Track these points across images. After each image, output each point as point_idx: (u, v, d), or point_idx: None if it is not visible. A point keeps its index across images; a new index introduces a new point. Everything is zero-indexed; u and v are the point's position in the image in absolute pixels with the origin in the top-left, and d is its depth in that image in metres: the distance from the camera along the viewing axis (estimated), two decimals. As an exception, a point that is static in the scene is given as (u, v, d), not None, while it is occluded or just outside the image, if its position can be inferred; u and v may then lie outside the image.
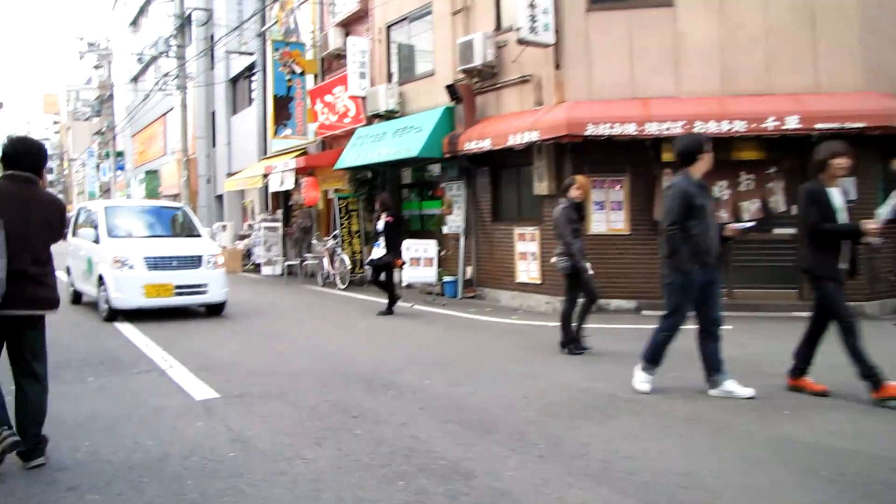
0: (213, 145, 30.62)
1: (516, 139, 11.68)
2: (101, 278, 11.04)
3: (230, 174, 27.55)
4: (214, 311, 11.71)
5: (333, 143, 18.74)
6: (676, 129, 10.34)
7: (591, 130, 10.81)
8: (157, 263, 10.96)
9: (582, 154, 11.51)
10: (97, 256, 11.32)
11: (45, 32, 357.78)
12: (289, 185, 18.10)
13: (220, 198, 29.85)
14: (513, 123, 12.11)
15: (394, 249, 11.61)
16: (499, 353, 8.27)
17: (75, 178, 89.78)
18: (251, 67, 25.29)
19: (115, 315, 10.79)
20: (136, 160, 45.34)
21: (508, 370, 7.29)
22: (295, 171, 17.80)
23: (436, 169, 15.37)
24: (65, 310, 11.87)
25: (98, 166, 62.16)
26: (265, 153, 23.07)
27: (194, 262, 11.30)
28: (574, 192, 8.10)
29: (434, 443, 4.84)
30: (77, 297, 13.10)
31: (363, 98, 16.54)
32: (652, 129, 10.62)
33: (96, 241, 11.39)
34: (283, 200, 22.14)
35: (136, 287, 10.71)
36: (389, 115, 15.77)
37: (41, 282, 4.52)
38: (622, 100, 11.29)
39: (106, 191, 57.14)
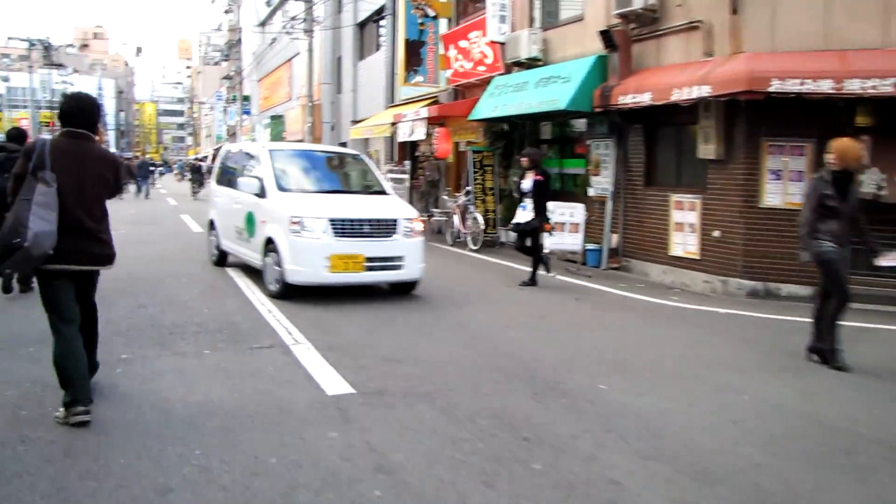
0: (339, 91, 30.04)
1: (682, 94, 10.22)
2: (269, 242, 8.86)
3: (355, 121, 26.90)
4: (402, 289, 9.54)
5: (466, 92, 17.64)
6: (886, 87, 8.72)
7: (776, 87, 9.25)
8: (345, 228, 8.55)
9: (759, 114, 10.00)
10: (263, 214, 9.15)
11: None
12: (419, 135, 17.13)
13: (343, 145, 29.31)
14: (677, 76, 10.64)
15: (542, 212, 10.38)
16: (676, 349, 7.04)
17: (204, 121, 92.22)
18: (380, 11, 24.34)
19: (287, 291, 8.54)
20: (261, 105, 45.60)
21: (696, 375, 6.09)
22: (426, 121, 16.81)
23: (580, 124, 14.06)
24: (197, 267, 11.49)
25: (225, 110, 63.32)
26: (392, 101, 22.19)
27: (389, 227, 8.89)
28: (829, 160, 6.40)
29: (644, 495, 3.74)
30: (222, 258, 11.18)
31: (502, 44, 15.30)
32: (853, 86, 8.95)
33: (260, 193, 9.22)
34: (409, 151, 21.26)
35: (320, 258, 8.32)
36: (531, 64, 14.51)
37: (97, 238, 4.67)
38: (813, 52, 9.63)
39: (232, 134, 58.09)
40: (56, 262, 4.42)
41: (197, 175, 33.91)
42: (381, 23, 24.86)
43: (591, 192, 12.97)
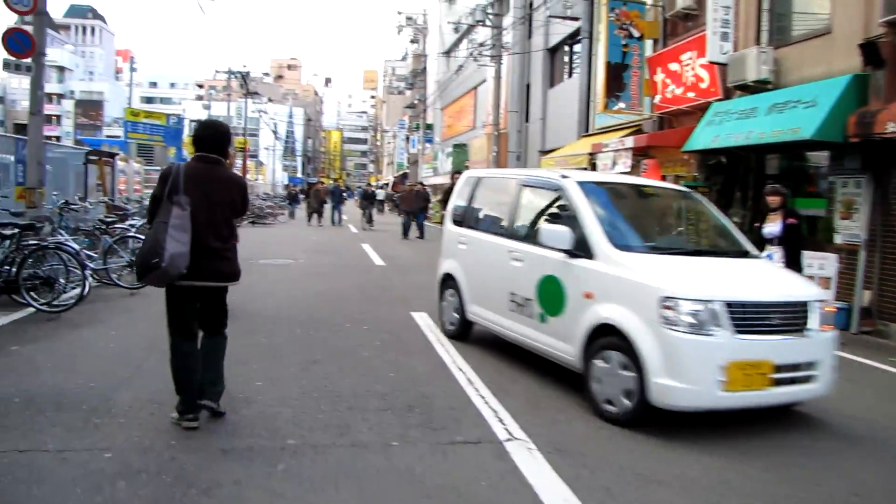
0: (526, 120, 28.87)
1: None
2: (603, 332, 5.72)
3: (543, 151, 25.62)
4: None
5: (674, 120, 15.83)
6: None
7: None
8: (748, 318, 5.34)
9: None
10: (588, 283, 5.98)
11: (368, 12, 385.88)
12: (624, 166, 15.46)
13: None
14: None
15: (796, 263, 8.54)
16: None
17: (386, 148, 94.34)
18: (573, 35, 22.97)
19: (644, 415, 5.38)
20: (444, 133, 45.38)
21: None
22: (632, 151, 15.15)
23: (818, 157, 11.93)
24: (381, 309, 10.25)
25: (407, 138, 64.00)
26: (587, 130, 20.65)
27: (799, 315, 5.61)
28: None
29: None
30: (464, 329, 8.19)
31: (722, 66, 13.44)
32: None
33: (577, 250, 6.15)
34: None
35: (712, 367, 5.13)
36: (759, 87, 12.54)
37: (223, 256, 4.96)
38: None
39: (413, 162, 58.50)
40: (185, 279, 4.77)
41: (368, 202, 30.73)
42: (575, 47, 23.47)
43: (838, 239, 10.81)
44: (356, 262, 16.62)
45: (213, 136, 5.02)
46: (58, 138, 62.29)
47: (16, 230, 9.14)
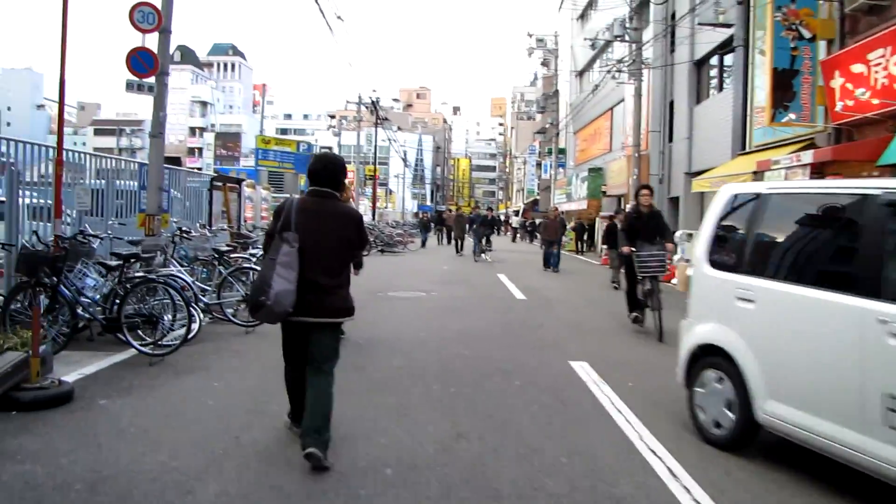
0: (670, 140, 26.83)
1: None
2: None
3: (690, 173, 23.58)
4: None
5: (854, 131, 13.68)
6: None
7: None
8: None
9: None
10: None
11: (496, 39, 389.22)
12: (798, 187, 13.39)
13: (674, 200, 25.98)
14: None
15: None
16: None
17: (516, 175, 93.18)
18: (724, 45, 20.94)
19: None
20: (577, 157, 43.68)
21: None
22: (809, 168, 13.08)
23: None
24: (531, 357, 8.57)
25: (539, 164, 62.69)
26: (743, 147, 18.53)
27: None
28: None
29: None
30: (747, 434, 5.24)
31: (925, 63, 11.33)
32: None
33: None
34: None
35: None
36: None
37: (332, 292, 4.79)
38: None
39: (545, 189, 57.00)
40: (293, 315, 4.69)
41: (487, 229, 27.51)
42: (726, 59, 21.44)
43: None
44: (494, 295, 15.12)
45: (325, 170, 4.94)
46: (199, 169, 64.42)
47: (119, 261, 8.21)
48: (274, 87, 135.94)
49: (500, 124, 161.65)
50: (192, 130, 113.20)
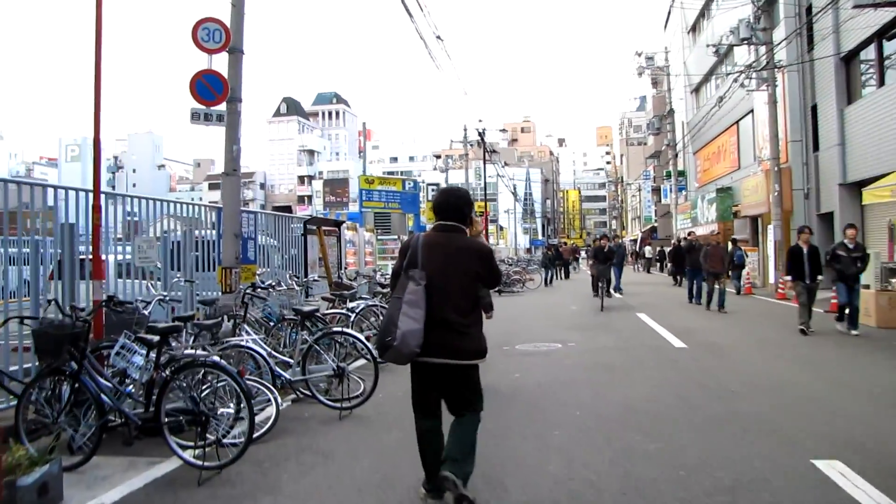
0: (815, 149, 23.74)
1: None
2: None
3: (846, 184, 20.55)
4: None
5: None
6: None
7: None
8: None
9: None
10: None
11: (598, 66, 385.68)
12: None
13: (826, 216, 22.80)
14: None
15: None
16: None
17: (630, 203, 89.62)
18: (886, 30, 18.01)
19: None
20: (700, 178, 40.44)
21: None
22: None
23: None
24: (730, 446, 5.69)
25: (656, 189, 59.67)
26: (920, 148, 15.55)
27: None
28: None
29: None
30: None
31: None
32: None
33: None
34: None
35: None
36: None
37: (463, 332, 4.50)
38: None
39: (664, 214, 53.78)
40: (421, 356, 4.45)
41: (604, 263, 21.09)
42: (886, 46, 18.46)
43: None
44: (645, 343, 12.15)
45: (449, 203, 4.74)
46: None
47: (156, 337, 5.98)
48: (378, 132, 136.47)
49: (608, 153, 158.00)
50: (301, 179, 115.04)
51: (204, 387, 5.75)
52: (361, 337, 8.43)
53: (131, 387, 5.96)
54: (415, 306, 4.39)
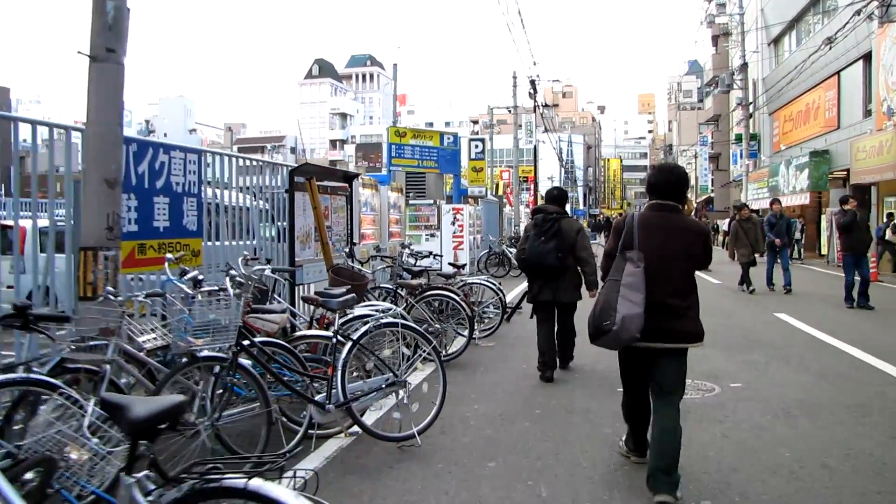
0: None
1: None
2: None
3: None
4: None
5: None
6: None
7: None
8: None
9: None
10: None
11: (639, 29, 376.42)
12: None
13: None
14: None
15: None
16: None
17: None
18: None
19: None
20: (778, 142, 35.38)
21: None
22: None
23: None
24: None
25: (714, 157, 54.91)
26: None
27: None
28: None
29: None
30: None
31: None
32: None
33: None
34: None
35: None
36: None
37: (680, 314, 4.35)
38: None
39: (726, 184, 48.78)
40: (640, 341, 4.28)
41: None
42: None
43: None
44: (842, 374, 7.64)
45: (669, 182, 4.55)
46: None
47: None
48: (414, 97, 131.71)
49: (650, 122, 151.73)
50: (333, 143, 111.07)
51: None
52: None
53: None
54: (634, 289, 4.21)
